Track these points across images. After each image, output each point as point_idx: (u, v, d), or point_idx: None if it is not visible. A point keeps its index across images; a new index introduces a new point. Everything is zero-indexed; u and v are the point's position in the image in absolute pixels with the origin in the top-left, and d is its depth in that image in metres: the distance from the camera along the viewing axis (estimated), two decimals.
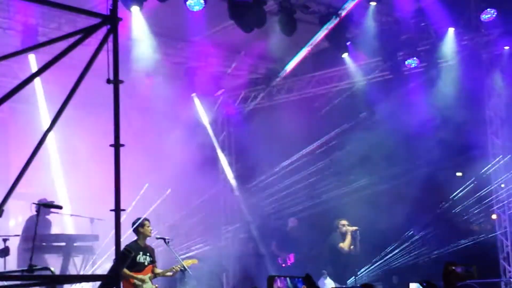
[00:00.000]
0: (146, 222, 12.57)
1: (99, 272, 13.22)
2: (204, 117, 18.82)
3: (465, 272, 7.48)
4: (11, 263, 12.29)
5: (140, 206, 14.67)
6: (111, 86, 5.87)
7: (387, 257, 15.97)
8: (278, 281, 6.61)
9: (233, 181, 18.77)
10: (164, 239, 12.93)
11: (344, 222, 14.64)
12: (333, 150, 17.61)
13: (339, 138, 17.48)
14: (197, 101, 18.70)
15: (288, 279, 6.71)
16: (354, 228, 14.38)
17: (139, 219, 12.69)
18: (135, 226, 12.51)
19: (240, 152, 18.78)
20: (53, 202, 13.06)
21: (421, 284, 7.27)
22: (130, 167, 12.91)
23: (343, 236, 14.37)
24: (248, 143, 17.96)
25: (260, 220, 17.82)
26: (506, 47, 16.25)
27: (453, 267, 7.18)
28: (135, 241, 12.52)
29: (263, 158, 17.82)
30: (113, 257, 6.26)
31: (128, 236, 12.18)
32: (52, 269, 8.63)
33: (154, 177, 16.74)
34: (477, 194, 15.95)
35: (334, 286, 13.64)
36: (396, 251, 16.06)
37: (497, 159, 16.45)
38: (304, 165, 17.93)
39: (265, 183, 18.05)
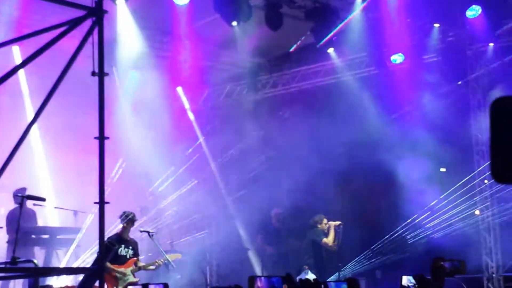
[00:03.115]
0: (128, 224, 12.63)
1: (80, 264, 13.21)
2: (189, 110, 18.77)
3: (453, 268, 7.51)
4: None
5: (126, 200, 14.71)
6: (96, 78, 5.86)
7: (371, 252, 15.97)
8: (259, 281, 6.61)
9: (217, 174, 18.75)
10: (148, 232, 12.94)
11: (324, 219, 14.55)
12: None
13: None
14: (182, 94, 18.65)
15: (267, 278, 6.70)
16: (338, 222, 14.28)
17: (124, 213, 12.69)
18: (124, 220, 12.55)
19: (225, 145, 18.73)
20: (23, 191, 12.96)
21: (413, 278, 7.31)
22: (114, 159, 12.97)
23: (324, 232, 14.31)
24: (233, 137, 17.96)
25: (245, 213, 17.78)
26: (491, 44, 16.30)
27: (442, 262, 7.21)
28: (117, 233, 12.50)
29: (249, 151, 17.83)
30: (94, 249, 6.25)
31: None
32: (35, 261, 8.61)
33: (139, 170, 16.75)
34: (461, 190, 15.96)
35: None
36: (380, 246, 16.07)
37: (481, 154, 16.55)
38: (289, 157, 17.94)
39: (251, 176, 18.03)
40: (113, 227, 13.02)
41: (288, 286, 6.25)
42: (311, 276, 13.69)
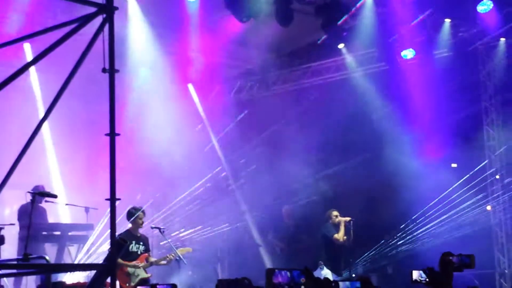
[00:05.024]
0: (140, 214, 12.55)
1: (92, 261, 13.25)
2: (200, 107, 18.77)
3: (461, 262, 7.51)
4: (6, 251, 12.28)
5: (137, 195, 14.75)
6: (107, 75, 5.86)
7: (382, 247, 15.96)
8: (277, 274, 6.59)
9: (228, 171, 18.74)
10: (159, 229, 12.94)
11: (335, 213, 14.43)
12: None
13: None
14: (193, 91, 18.65)
15: (287, 272, 6.68)
16: (347, 218, 14.16)
17: (133, 208, 12.68)
18: (131, 216, 12.53)
19: (235, 141, 18.74)
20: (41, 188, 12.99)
21: (424, 272, 7.29)
22: (126, 157, 12.98)
23: (335, 227, 14.22)
24: (243, 133, 17.96)
25: (256, 209, 17.79)
26: (502, 39, 16.26)
27: (450, 257, 7.20)
28: (128, 230, 12.51)
29: (259, 148, 17.81)
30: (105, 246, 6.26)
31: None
32: (47, 257, 8.63)
33: (150, 167, 16.78)
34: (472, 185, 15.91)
35: (331, 276, 13.46)
36: (391, 241, 16.06)
37: (492, 150, 16.54)
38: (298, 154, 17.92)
39: (261, 173, 18.01)
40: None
41: (307, 280, 6.24)
42: (326, 271, 13.65)
